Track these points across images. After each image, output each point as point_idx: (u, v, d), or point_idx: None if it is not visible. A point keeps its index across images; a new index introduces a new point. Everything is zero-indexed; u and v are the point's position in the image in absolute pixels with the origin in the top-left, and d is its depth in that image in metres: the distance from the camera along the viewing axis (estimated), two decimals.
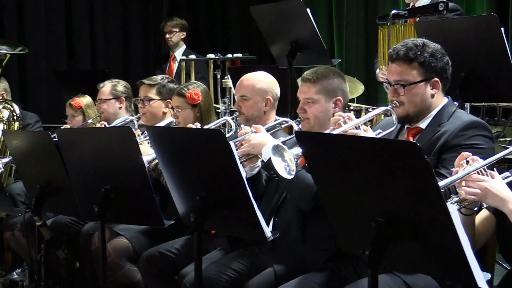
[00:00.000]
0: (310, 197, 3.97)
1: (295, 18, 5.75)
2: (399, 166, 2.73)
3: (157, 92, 5.79)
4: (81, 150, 4.27)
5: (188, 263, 4.56)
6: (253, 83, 4.86)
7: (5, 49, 7.00)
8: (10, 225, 6.27)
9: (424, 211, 2.72)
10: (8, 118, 6.75)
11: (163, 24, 9.34)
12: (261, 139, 4.15)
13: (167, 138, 3.92)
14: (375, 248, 2.79)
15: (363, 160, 2.86)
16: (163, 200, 4.85)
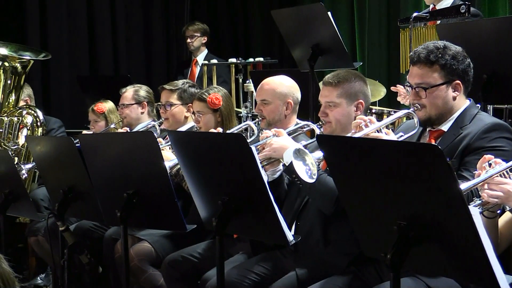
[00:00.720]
0: (332, 201, 3.97)
1: (316, 21, 5.75)
2: (421, 169, 2.72)
3: (179, 97, 5.81)
4: (104, 155, 4.29)
5: (211, 267, 4.55)
6: (274, 87, 4.86)
7: (29, 56, 7.04)
8: (34, 230, 6.30)
9: (446, 214, 2.71)
10: (31, 124, 6.79)
11: (185, 28, 9.36)
12: (282, 143, 4.14)
13: (189, 142, 3.93)
14: (397, 252, 2.78)
15: (385, 163, 2.85)
16: (185, 204, 4.86)
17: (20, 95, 6.97)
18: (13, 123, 6.76)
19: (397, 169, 2.81)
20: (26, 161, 6.58)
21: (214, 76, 8.52)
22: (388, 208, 2.90)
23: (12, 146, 6.66)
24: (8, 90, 6.89)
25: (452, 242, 2.73)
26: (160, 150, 4.03)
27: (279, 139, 4.18)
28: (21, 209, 5.21)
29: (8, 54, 6.90)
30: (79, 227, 5.83)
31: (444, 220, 2.73)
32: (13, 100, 6.92)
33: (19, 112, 6.81)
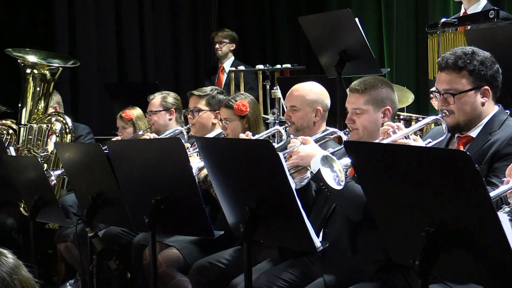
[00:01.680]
0: (360, 208, 3.95)
1: (343, 27, 5.73)
2: (449, 176, 2.71)
3: (207, 103, 5.82)
4: (132, 161, 4.31)
5: (238, 273, 4.56)
6: (303, 94, 4.86)
7: (58, 63, 7.09)
8: (63, 236, 6.34)
9: (475, 221, 2.69)
10: (60, 131, 6.83)
11: (214, 34, 9.38)
12: (309, 151, 4.14)
13: (217, 148, 3.93)
14: (426, 258, 2.77)
15: (413, 170, 2.84)
16: (213, 211, 4.88)
17: (49, 102, 7.02)
18: (42, 130, 6.81)
19: (425, 175, 2.80)
20: (55, 167, 6.63)
21: (242, 82, 8.53)
22: (417, 215, 2.89)
23: (41, 152, 6.70)
24: (37, 97, 6.94)
25: (481, 249, 2.72)
26: (188, 156, 4.05)
27: (306, 147, 4.18)
28: (51, 215, 5.24)
29: (37, 61, 6.96)
30: (107, 233, 5.86)
31: (472, 226, 2.71)
32: (42, 107, 6.97)
33: (48, 119, 6.86)
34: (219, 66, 9.32)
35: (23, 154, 6.69)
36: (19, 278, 2.85)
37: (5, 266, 2.88)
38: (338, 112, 5.60)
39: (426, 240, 2.79)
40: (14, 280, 2.85)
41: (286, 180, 3.43)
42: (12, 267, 2.89)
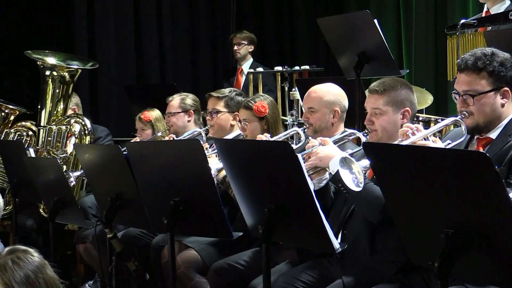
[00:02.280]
0: (378, 210, 3.94)
1: (362, 29, 5.73)
2: (468, 177, 2.70)
3: (225, 104, 5.83)
4: (151, 163, 4.31)
5: (257, 275, 4.55)
6: (321, 95, 4.85)
7: (77, 65, 7.12)
8: (82, 237, 6.36)
9: (494, 222, 2.68)
10: (79, 132, 6.86)
11: (232, 36, 9.39)
12: (328, 152, 4.13)
13: (235, 150, 3.93)
14: (445, 260, 2.76)
15: (432, 171, 2.83)
16: (231, 212, 4.88)
17: (68, 104, 7.05)
18: (62, 132, 6.83)
19: (444, 176, 2.79)
20: (74, 169, 6.65)
21: (260, 84, 8.53)
22: (436, 216, 2.88)
23: (60, 154, 6.73)
24: (57, 99, 6.97)
25: (501, 250, 2.71)
26: (206, 157, 4.05)
27: (325, 148, 4.17)
28: (70, 216, 5.26)
29: (56, 63, 6.99)
30: (126, 235, 5.88)
31: (492, 228, 2.70)
32: (62, 109, 7.00)
33: (67, 120, 6.88)
34: (238, 68, 9.32)
35: (42, 155, 6.72)
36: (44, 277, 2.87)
37: (31, 264, 2.91)
38: (357, 114, 5.59)
39: (445, 241, 2.78)
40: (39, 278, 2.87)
41: (305, 181, 3.43)
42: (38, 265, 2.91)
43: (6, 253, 2.96)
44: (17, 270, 2.88)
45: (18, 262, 2.90)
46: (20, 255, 2.93)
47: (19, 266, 2.89)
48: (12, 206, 6.15)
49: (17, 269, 2.88)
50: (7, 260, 2.91)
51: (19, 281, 2.86)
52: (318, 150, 4.17)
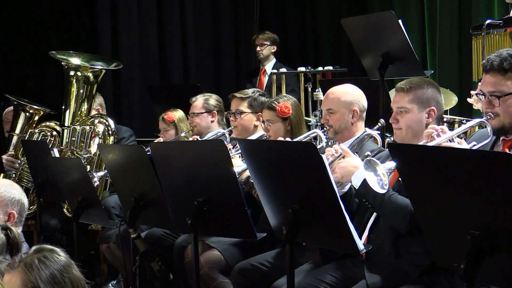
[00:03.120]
0: (406, 219, 3.90)
1: (386, 29, 5.70)
2: (494, 178, 2.68)
3: (249, 105, 5.83)
4: (174, 163, 4.32)
5: (280, 275, 4.55)
6: (339, 96, 4.85)
7: (101, 65, 7.15)
8: (106, 237, 6.38)
9: None
10: (103, 133, 6.88)
11: (255, 37, 9.39)
12: (349, 167, 4.12)
13: (259, 150, 3.93)
14: (471, 262, 2.74)
15: (458, 172, 2.81)
16: (255, 213, 4.87)
17: (92, 104, 7.07)
18: (85, 132, 6.86)
19: (470, 178, 2.77)
20: (98, 169, 6.67)
21: (283, 85, 8.51)
22: (462, 217, 2.86)
23: (84, 154, 6.76)
24: (81, 99, 7.00)
25: None
26: (230, 158, 4.05)
27: (346, 163, 4.15)
28: (94, 216, 5.28)
29: (80, 64, 7.02)
30: (149, 235, 5.89)
31: None
32: (85, 109, 7.02)
33: (91, 121, 6.91)
34: (261, 69, 9.31)
35: (66, 155, 6.75)
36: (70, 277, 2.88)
37: (57, 263, 2.92)
38: (381, 115, 5.56)
39: (472, 243, 2.76)
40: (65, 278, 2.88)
41: (329, 182, 3.41)
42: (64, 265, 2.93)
43: (33, 252, 2.97)
44: (43, 269, 2.89)
45: (44, 261, 2.91)
46: (46, 254, 2.94)
47: (45, 265, 2.90)
48: (36, 206, 6.19)
49: (43, 268, 2.89)
50: (34, 259, 2.92)
51: (45, 280, 2.87)
52: (340, 165, 4.16)
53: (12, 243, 3.57)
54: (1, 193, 4.18)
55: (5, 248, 3.55)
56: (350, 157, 4.18)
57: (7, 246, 3.55)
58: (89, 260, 6.90)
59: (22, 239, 3.76)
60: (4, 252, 3.53)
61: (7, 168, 7.02)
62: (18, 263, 2.93)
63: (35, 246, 3.01)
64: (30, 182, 6.90)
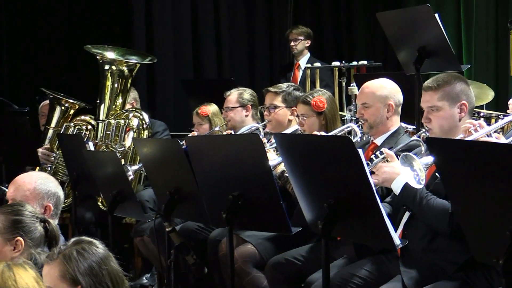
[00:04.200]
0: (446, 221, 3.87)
1: (423, 23, 5.65)
2: None
3: (283, 99, 5.81)
4: (210, 157, 4.32)
5: (314, 270, 4.55)
6: (374, 90, 4.83)
7: (135, 59, 7.17)
8: (140, 231, 6.40)
9: None
10: (137, 126, 6.89)
11: (288, 32, 9.37)
12: (391, 173, 4.08)
13: (295, 144, 3.92)
14: (510, 257, 2.71)
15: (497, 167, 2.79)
16: (289, 207, 4.86)
17: (127, 98, 7.09)
18: (120, 126, 6.88)
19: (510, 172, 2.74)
20: (132, 163, 6.70)
21: (317, 79, 8.49)
22: (501, 213, 2.84)
23: (119, 148, 6.78)
24: (115, 93, 7.02)
25: None
26: (265, 152, 4.04)
27: (388, 168, 4.11)
28: (128, 209, 5.30)
29: (115, 58, 7.04)
30: (183, 229, 5.90)
31: None
32: (120, 103, 7.05)
33: (126, 115, 6.93)
34: (295, 63, 9.29)
35: (101, 149, 6.78)
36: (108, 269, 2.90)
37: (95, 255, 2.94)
38: (416, 110, 5.52)
39: (511, 239, 2.73)
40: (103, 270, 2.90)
41: (366, 177, 3.40)
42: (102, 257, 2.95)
43: (71, 243, 3.00)
44: (82, 261, 2.91)
45: (82, 253, 2.93)
46: (85, 246, 2.97)
47: (83, 257, 2.92)
48: (72, 199, 6.22)
49: (81, 260, 2.91)
50: (72, 250, 2.94)
51: (83, 272, 2.90)
52: (383, 169, 4.12)
53: (50, 235, 3.60)
54: (37, 186, 4.21)
55: (44, 240, 3.59)
56: (394, 162, 4.12)
57: (45, 238, 3.59)
58: (123, 254, 6.93)
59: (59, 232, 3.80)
60: (42, 244, 3.57)
61: (43, 162, 7.07)
62: (57, 254, 2.95)
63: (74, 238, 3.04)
64: (65, 176, 6.94)
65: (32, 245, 3.50)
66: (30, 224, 3.58)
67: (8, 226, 3.56)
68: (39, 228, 3.57)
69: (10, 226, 3.56)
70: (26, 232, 3.55)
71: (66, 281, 2.89)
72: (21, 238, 3.52)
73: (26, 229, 3.56)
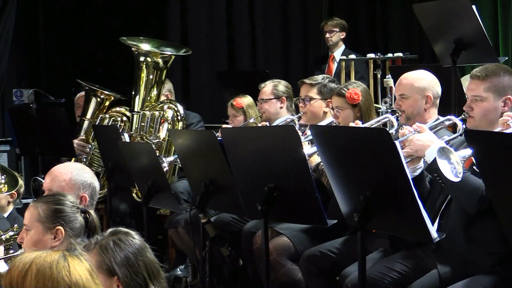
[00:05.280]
0: (476, 200, 3.85)
1: (460, 15, 5.60)
2: None
3: (318, 91, 5.78)
4: (245, 149, 4.31)
5: (350, 263, 4.53)
6: (412, 82, 4.78)
7: (170, 51, 7.18)
8: (174, 222, 6.41)
9: None
10: (172, 118, 6.91)
11: (323, 23, 9.32)
12: (424, 141, 4.04)
13: (331, 136, 3.90)
14: None
15: None
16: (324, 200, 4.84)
17: (161, 90, 7.11)
18: (155, 117, 6.90)
19: None
20: (167, 154, 6.71)
21: (352, 71, 8.45)
22: None
23: (153, 139, 6.80)
24: (150, 85, 7.05)
25: None
26: (301, 144, 4.02)
27: (421, 136, 4.08)
28: (163, 201, 5.31)
29: (150, 49, 7.06)
30: (218, 221, 5.89)
31: None
32: (155, 95, 7.07)
33: (161, 106, 6.94)
34: (330, 55, 9.25)
35: (136, 140, 6.80)
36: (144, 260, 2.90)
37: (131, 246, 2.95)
38: (453, 102, 5.49)
39: None
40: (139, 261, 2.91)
41: (403, 169, 3.37)
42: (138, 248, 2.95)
43: (108, 234, 3.01)
44: (118, 251, 2.92)
45: (119, 243, 2.94)
46: (121, 237, 2.98)
47: (120, 247, 2.93)
48: (107, 190, 6.25)
49: (118, 251, 2.92)
50: (109, 241, 2.95)
51: (119, 263, 2.91)
52: (414, 138, 4.08)
53: (90, 226, 3.62)
54: (73, 176, 4.23)
55: (84, 231, 3.61)
56: (426, 132, 4.10)
57: (85, 228, 3.61)
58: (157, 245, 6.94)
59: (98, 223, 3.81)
60: (82, 235, 3.59)
61: (78, 153, 7.12)
62: (93, 245, 2.97)
63: (110, 229, 3.05)
64: (100, 167, 6.98)
65: (72, 235, 3.53)
66: (71, 214, 3.60)
67: (49, 215, 3.58)
68: (80, 219, 3.59)
69: (51, 215, 3.58)
70: (66, 222, 3.57)
71: (103, 272, 2.90)
72: (62, 228, 3.54)
73: (67, 219, 3.58)
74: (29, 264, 2.25)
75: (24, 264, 2.26)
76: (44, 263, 2.24)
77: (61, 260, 2.25)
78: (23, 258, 2.28)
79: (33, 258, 2.26)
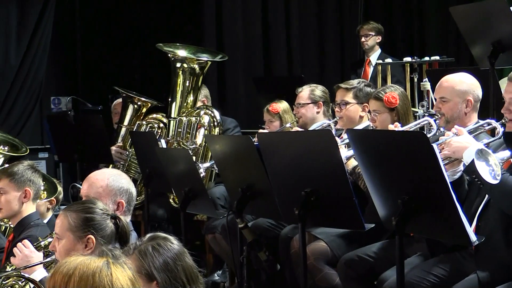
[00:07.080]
0: None
1: (497, 17, 5.55)
2: None
3: (354, 96, 5.76)
4: (281, 153, 4.32)
5: (387, 267, 4.51)
6: (453, 85, 4.75)
7: (206, 57, 7.20)
8: (211, 228, 6.43)
9: None
10: (208, 124, 6.93)
11: (359, 27, 9.29)
12: (462, 142, 4.01)
13: (368, 140, 3.89)
14: None
15: None
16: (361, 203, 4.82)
17: (198, 95, 7.14)
18: (191, 123, 6.93)
19: None
20: (204, 160, 6.73)
21: (389, 75, 8.39)
22: None
23: (190, 145, 6.82)
24: (187, 91, 7.08)
25: None
26: (338, 148, 4.02)
27: (459, 139, 4.05)
28: (200, 206, 5.33)
29: (187, 55, 7.09)
30: (255, 226, 5.90)
31: None
32: (191, 101, 7.10)
33: (197, 112, 6.97)
34: (366, 59, 9.22)
35: (172, 146, 6.83)
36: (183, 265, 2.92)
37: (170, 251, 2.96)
38: (491, 105, 5.43)
39: None
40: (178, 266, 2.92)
41: (441, 173, 3.36)
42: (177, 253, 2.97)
43: (147, 239, 3.02)
44: (157, 256, 2.94)
45: (158, 248, 2.96)
46: (160, 242, 2.99)
47: (158, 252, 2.95)
48: (144, 196, 6.29)
49: (156, 256, 2.94)
50: (148, 246, 2.97)
51: (158, 267, 2.92)
52: (452, 140, 4.05)
53: (121, 232, 3.62)
54: (110, 182, 4.25)
55: (114, 237, 3.61)
56: (464, 135, 4.07)
57: (116, 235, 3.61)
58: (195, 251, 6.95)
59: (130, 228, 3.82)
60: (113, 241, 3.59)
61: (116, 159, 7.17)
62: (132, 250, 2.98)
63: (149, 234, 3.06)
64: (137, 173, 7.03)
65: (103, 243, 3.51)
66: (101, 221, 3.58)
67: (79, 224, 3.56)
68: (110, 225, 3.58)
69: (82, 224, 3.56)
70: (97, 230, 3.55)
71: (142, 277, 2.91)
72: (93, 236, 3.53)
73: (97, 227, 3.56)
74: (73, 270, 2.27)
75: (68, 269, 2.28)
76: (87, 270, 2.26)
77: (104, 268, 2.27)
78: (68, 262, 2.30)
79: (77, 264, 2.28)
